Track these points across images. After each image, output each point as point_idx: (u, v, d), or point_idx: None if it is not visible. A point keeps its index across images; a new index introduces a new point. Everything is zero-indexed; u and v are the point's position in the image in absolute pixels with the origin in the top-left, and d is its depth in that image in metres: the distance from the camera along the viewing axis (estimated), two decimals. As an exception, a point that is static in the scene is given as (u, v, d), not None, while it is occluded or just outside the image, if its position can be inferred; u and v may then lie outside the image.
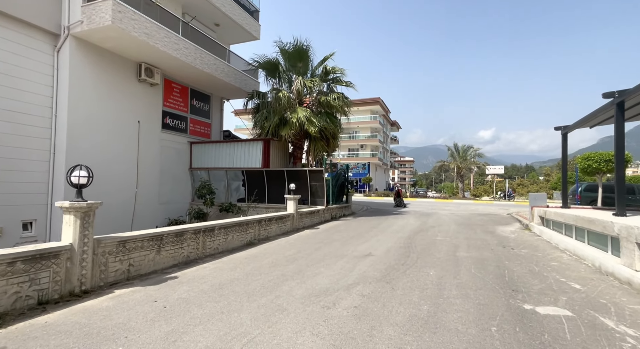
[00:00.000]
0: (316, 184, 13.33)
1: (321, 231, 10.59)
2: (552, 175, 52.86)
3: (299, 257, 6.58)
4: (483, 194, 44.65)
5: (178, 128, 14.79)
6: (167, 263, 5.59)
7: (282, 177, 13.83)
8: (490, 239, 9.15)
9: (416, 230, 10.79)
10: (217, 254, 6.77)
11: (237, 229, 7.53)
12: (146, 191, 13.06)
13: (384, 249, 7.50)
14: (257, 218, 8.42)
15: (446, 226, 12.13)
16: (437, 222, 13.12)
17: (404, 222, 13.08)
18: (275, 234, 9.28)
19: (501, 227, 12.05)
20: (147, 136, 13.11)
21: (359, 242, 8.38)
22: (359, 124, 54.02)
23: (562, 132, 10.55)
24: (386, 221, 13.43)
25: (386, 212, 17.43)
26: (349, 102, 14.80)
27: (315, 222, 12.14)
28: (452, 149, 39.98)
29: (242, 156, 14.50)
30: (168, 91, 14.17)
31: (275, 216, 9.32)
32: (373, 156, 53.14)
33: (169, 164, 14.29)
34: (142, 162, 12.85)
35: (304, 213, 11.27)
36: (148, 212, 13.14)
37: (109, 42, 10.85)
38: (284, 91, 13.61)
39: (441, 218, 14.91)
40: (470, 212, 18.96)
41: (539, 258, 6.75)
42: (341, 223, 12.56)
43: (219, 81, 14.98)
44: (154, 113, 13.48)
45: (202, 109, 16.23)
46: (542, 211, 10.05)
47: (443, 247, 7.92)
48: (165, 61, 12.63)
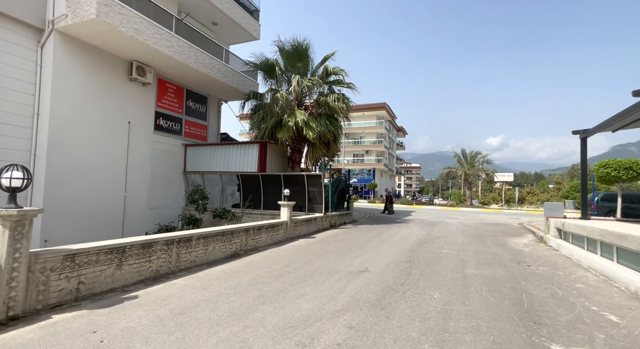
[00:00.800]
0: (314, 190, 12.57)
1: (317, 240, 9.80)
2: (564, 183, 51.35)
3: (284, 273, 5.81)
4: (491, 202, 43.38)
5: (172, 130, 14.20)
6: (131, 279, 4.86)
7: (278, 182, 13.11)
8: (502, 253, 8.27)
9: (420, 241, 9.94)
10: (194, 267, 6.03)
11: (219, 239, 6.80)
12: (136, 195, 12.44)
13: (383, 264, 6.69)
14: (244, 227, 7.68)
15: (453, 236, 11.26)
16: (443, 233, 12.24)
17: (407, 232, 12.23)
18: (265, 244, 8.52)
19: (513, 239, 11.14)
20: (138, 137, 12.53)
21: (355, 255, 7.58)
22: (364, 130, 53.39)
23: (581, 136, 9.68)
24: (388, 230, 12.59)
25: (389, 221, 16.57)
26: (349, 103, 14.09)
27: (312, 230, 11.37)
28: (459, 155, 38.93)
29: (237, 159, 13.83)
30: (162, 91, 13.62)
31: (265, 224, 8.58)
32: (378, 162, 52.31)
33: (161, 167, 13.68)
34: (132, 165, 12.25)
35: (299, 221, 10.51)
36: (138, 217, 12.50)
37: (96, 38, 10.33)
38: (282, 91, 12.96)
39: (448, 228, 14.01)
40: (478, 221, 18.00)
41: (561, 278, 5.88)
42: (340, 232, 11.76)
43: (216, 82, 14.42)
44: (146, 114, 12.92)
45: (199, 110, 15.65)
46: (560, 222, 9.15)
47: (449, 262, 7.08)
48: (158, 60, 12.09)
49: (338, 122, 14.12)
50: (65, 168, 10.07)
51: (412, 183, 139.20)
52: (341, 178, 15.11)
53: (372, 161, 52.80)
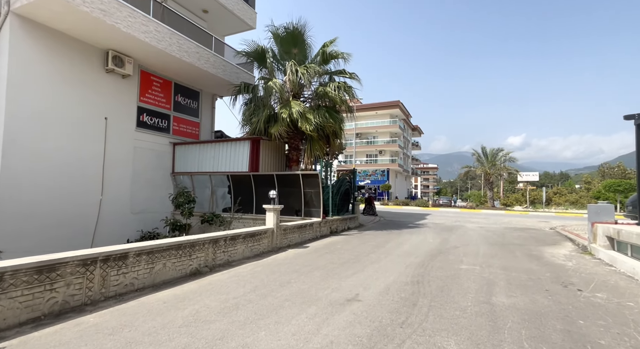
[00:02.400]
0: (311, 191, 11.04)
1: (309, 251, 8.26)
2: (593, 183, 47.80)
3: (243, 304, 4.30)
4: (514, 203, 40.61)
5: (158, 127, 13.00)
6: (13, 319, 3.46)
7: (272, 183, 11.65)
8: (539, 270, 6.48)
9: (434, 252, 8.23)
10: (129, 293, 4.61)
11: (173, 254, 5.37)
12: (114, 198, 11.25)
13: (381, 288, 5.08)
14: (211, 237, 6.22)
15: (474, 246, 9.47)
16: (462, 240, 10.44)
17: (419, 239, 10.50)
18: (242, 258, 7.05)
19: (549, 248, 9.25)
20: (116, 135, 11.35)
21: (349, 273, 5.99)
22: (377, 129, 51.52)
23: (636, 122, 7.76)
24: (398, 237, 10.89)
25: (400, 225, 14.82)
26: (353, 93, 12.49)
27: (307, 238, 9.82)
28: (478, 154, 36.38)
29: (227, 158, 12.47)
30: (145, 84, 12.44)
31: (242, 233, 7.10)
32: (392, 162, 50.23)
33: (146, 168, 12.47)
34: (109, 166, 11.07)
35: (290, 228, 9.00)
36: (117, 223, 11.31)
37: (60, 21, 9.18)
38: (275, 80, 11.50)
39: (467, 234, 12.17)
40: (503, 225, 15.98)
41: (636, 314, 4.11)
42: (340, 240, 10.16)
43: (205, 74, 13.15)
44: (126, 109, 11.74)
45: (189, 106, 14.43)
46: (613, 229, 7.26)
47: (470, 284, 5.40)
48: (137, 48, 10.89)
49: (339, 114, 12.54)
50: (26, 168, 8.94)
51: (429, 184, 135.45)
52: (344, 178, 13.52)
53: (385, 161, 50.75)
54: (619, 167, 61.60)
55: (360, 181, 51.51)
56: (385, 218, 18.37)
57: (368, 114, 52.66)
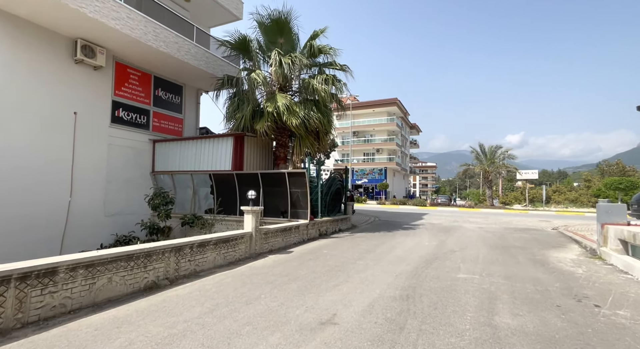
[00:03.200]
0: (297, 191, 10.26)
1: (291, 257, 7.48)
2: (593, 181, 47.16)
3: (193, 330, 3.52)
4: (514, 201, 39.93)
5: (136, 123, 12.19)
6: None
7: (257, 182, 10.86)
8: (546, 279, 5.73)
9: (429, 258, 7.47)
10: (57, 317, 3.82)
11: (123, 266, 4.58)
12: (86, 200, 10.45)
13: (364, 306, 4.31)
14: (173, 245, 5.44)
15: (473, 249, 8.71)
16: (460, 243, 9.68)
17: (413, 242, 9.74)
18: (212, 267, 6.26)
19: (554, 252, 8.50)
20: (88, 131, 10.54)
21: (330, 285, 5.22)
22: (374, 127, 50.77)
23: (652, 112, 7.01)
24: (391, 240, 10.13)
25: (395, 226, 14.05)
26: (342, 87, 11.70)
27: (292, 242, 9.04)
28: (477, 151, 35.60)
29: (209, 156, 11.67)
30: (121, 77, 11.62)
31: (214, 238, 6.31)
32: (390, 161, 49.48)
33: (122, 167, 11.67)
34: (79, 164, 10.27)
35: (272, 231, 8.22)
36: (89, 227, 10.51)
37: (17, 5, 8.36)
38: (259, 71, 10.69)
39: (466, 235, 11.41)
40: (503, 225, 15.24)
41: (672, 342, 3.35)
42: (328, 243, 9.39)
43: (187, 66, 12.35)
44: (99, 103, 10.93)
45: (172, 101, 13.62)
46: (628, 232, 6.51)
47: (469, 298, 4.64)
48: (108, 37, 10.08)
49: (328, 109, 11.75)
50: (-20, 168, 8.13)
51: (428, 183, 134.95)
52: (335, 177, 12.73)
53: (383, 159, 49.99)
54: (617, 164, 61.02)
55: (358, 179, 50.78)
56: (380, 219, 17.60)
57: (365, 112, 51.91)
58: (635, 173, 56.81)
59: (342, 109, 12.78)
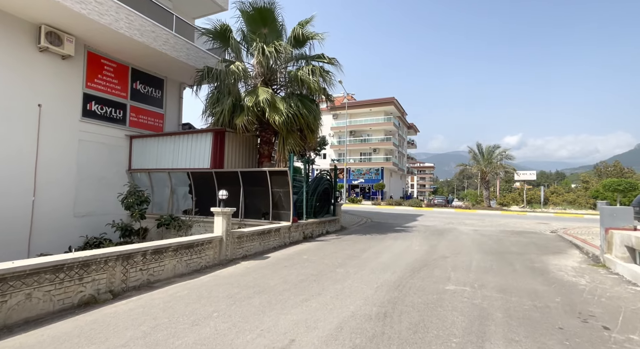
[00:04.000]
0: (279, 191, 9.56)
1: (266, 264, 6.79)
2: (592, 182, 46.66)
3: (106, 364, 2.83)
4: (511, 203, 39.34)
5: (111, 118, 11.46)
6: None
7: (237, 181, 10.16)
8: (546, 292, 5.06)
9: (416, 265, 6.79)
10: (-50, 342, 3.12)
11: (48, 279, 3.88)
12: (53, 199, 9.73)
13: (330, 328, 3.63)
14: (119, 252, 4.73)
15: (466, 255, 8.04)
16: (453, 248, 9.01)
17: (403, 247, 9.06)
18: (172, 275, 5.56)
19: (553, 258, 7.84)
20: (55, 125, 9.82)
21: (299, 300, 4.53)
22: (371, 126, 50.13)
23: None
24: (379, 244, 9.45)
25: (387, 229, 13.37)
26: (331, 79, 11.01)
27: (271, 246, 8.35)
28: (474, 151, 34.95)
29: (188, 153, 10.97)
30: (94, 68, 10.89)
31: (173, 244, 5.61)
32: (387, 161, 48.83)
33: (95, 164, 10.95)
34: (45, 161, 9.55)
35: (247, 235, 7.52)
36: (56, 228, 9.80)
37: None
38: (239, 63, 9.97)
39: (460, 239, 10.75)
40: (499, 227, 14.59)
41: None
42: (311, 248, 8.70)
43: (166, 58, 11.65)
44: (68, 96, 10.20)
45: (152, 95, 12.90)
46: (636, 238, 5.84)
47: (456, 317, 3.96)
48: (76, 23, 9.37)
49: (314, 104, 11.05)
50: None
51: (426, 183, 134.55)
52: (323, 176, 12.04)
53: (380, 159, 49.33)
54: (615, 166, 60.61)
55: (354, 180, 50.12)
56: (372, 220, 16.93)
57: (362, 111, 51.26)
58: (633, 174, 56.43)
59: (332, 103, 12.08)
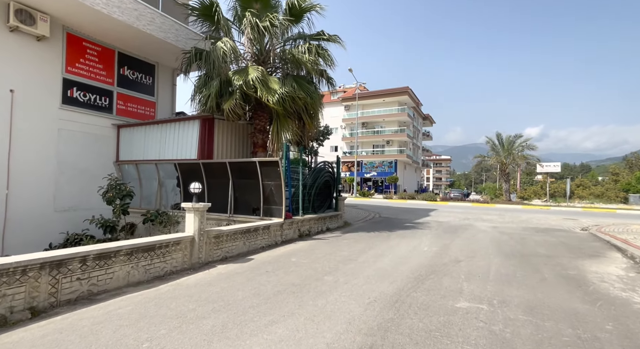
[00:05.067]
0: (271, 183, 8.56)
1: (245, 269, 5.82)
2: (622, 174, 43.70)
3: None
4: (532, 196, 37.17)
5: (96, 106, 10.70)
6: None
7: (226, 173, 9.22)
8: (590, 315, 3.87)
9: (422, 272, 5.67)
10: None
11: None
12: (30, 193, 9.07)
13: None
14: (48, 258, 3.83)
15: (483, 259, 6.85)
16: (468, 249, 7.81)
17: (409, 247, 7.92)
18: (123, 284, 4.65)
19: (590, 263, 6.55)
20: (30, 113, 9.10)
21: (262, 323, 3.53)
22: (384, 117, 48.44)
23: None
24: (382, 243, 8.34)
25: (395, 225, 12.22)
26: (330, 57, 9.82)
27: (257, 246, 7.38)
28: (492, 142, 32.86)
29: (175, 143, 10.10)
30: (74, 51, 10.11)
31: (126, 246, 4.69)
32: (401, 153, 47.15)
33: (78, 155, 10.25)
34: (19, 152, 8.86)
35: (227, 234, 6.57)
36: (35, 224, 9.16)
37: None
38: (226, 39, 8.93)
39: (476, 238, 9.51)
40: (521, 224, 13.18)
41: None
42: (304, 248, 7.69)
43: (152, 39, 10.74)
44: (45, 81, 9.46)
45: (142, 82, 12.08)
46: None
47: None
48: (49, 0, 8.52)
49: (313, 86, 9.92)
50: None
51: (442, 176, 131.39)
52: (323, 167, 10.95)
53: (393, 152, 47.68)
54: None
55: (367, 172, 48.76)
56: (381, 215, 15.77)
57: (374, 102, 49.58)
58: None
59: (332, 86, 10.91)
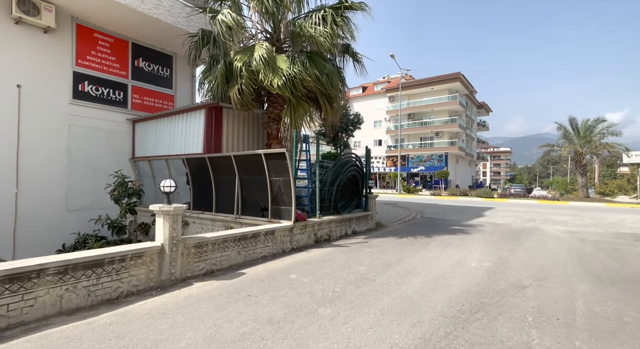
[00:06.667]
0: (278, 179, 7.20)
1: (221, 292, 4.52)
2: None
3: None
4: (616, 191, 31.48)
5: (109, 100, 10.25)
6: None
7: (234, 169, 8.07)
8: None
9: (466, 305, 3.89)
10: None
11: None
12: (40, 192, 8.80)
13: None
14: None
15: (560, 283, 4.79)
16: (536, 266, 5.73)
17: (452, 261, 6.05)
18: (54, 313, 3.59)
19: None
20: (38, 108, 8.80)
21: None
22: (432, 107, 44.84)
23: None
24: (417, 253, 6.56)
25: (438, 228, 10.19)
26: (351, 30, 8.13)
27: (257, 256, 6.07)
28: (564, 128, 27.93)
29: (183, 136, 9.22)
30: (85, 43, 9.69)
31: (54, 263, 3.62)
32: (452, 145, 43.23)
33: (91, 152, 9.87)
34: (28, 149, 8.58)
35: (214, 243, 5.34)
36: (47, 224, 8.89)
37: None
38: (227, 11, 7.66)
39: (547, 248, 7.25)
40: (609, 228, 10.32)
41: None
42: (314, 258, 6.22)
43: (162, 25, 9.97)
44: (55, 75, 9.12)
45: (158, 74, 11.49)
46: None
47: None
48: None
49: (332, 63, 8.31)
50: None
51: (501, 170, 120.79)
52: (348, 160, 9.30)
53: (443, 144, 43.87)
54: None
55: (413, 167, 45.66)
56: (423, 215, 13.67)
57: (422, 91, 46.10)
58: None
59: (359, 64, 9.21)
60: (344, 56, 9.32)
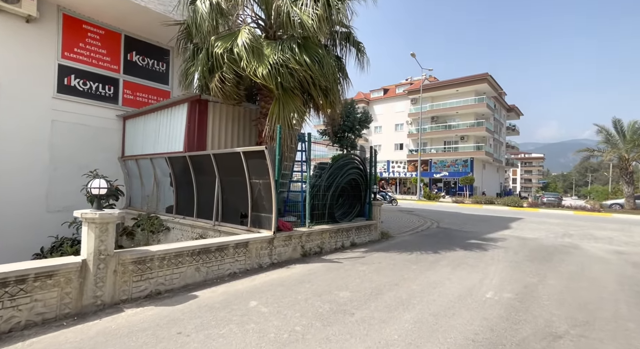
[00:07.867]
0: (259, 182, 6.19)
1: (157, 322, 3.54)
2: None
3: None
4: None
5: (98, 95, 9.70)
6: None
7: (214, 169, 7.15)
8: None
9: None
10: None
11: None
12: (18, 191, 8.27)
13: None
14: None
15: (613, 332, 3.43)
16: (576, 302, 4.36)
17: (462, 287, 4.77)
18: None
19: None
20: (17, 102, 8.30)
21: None
22: (457, 110, 42.60)
23: None
24: (420, 275, 5.31)
25: (454, 241, 8.81)
26: (344, 12, 7.03)
27: (224, 273, 5.06)
28: (607, 131, 25.11)
29: (166, 132, 8.44)
30: (73, 34, 9.18)
31: None
32: (478, 150, 40.76)
33: (76, 150, 9.30)
34: (5, 145, 8.06)
35: (163, 257, 4.39)
36: (23, 226, 8.35)
37: None
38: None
39: (589, 274, 5.78)
40: (665, 249, 8.53)
41: None
42: (292, 278, 5.14)
43: (153, 16, 9.35)
44: (36, 67, 8.63)
45: (153, 69, 10.88)
46: None
47: None
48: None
49: (324, 50, 7.22)
50: None
51: (533, 177, 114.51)
52: (348, 162, 8.11)
53: (469, 148, 41.44)
54: None
55: (437, 173, 43.48)
56: (440, 225, 12.21)
57: (446, 93, 43.99)
58: None
59: (362, 54, 8.10)
60: (346, 46, 8.26)
